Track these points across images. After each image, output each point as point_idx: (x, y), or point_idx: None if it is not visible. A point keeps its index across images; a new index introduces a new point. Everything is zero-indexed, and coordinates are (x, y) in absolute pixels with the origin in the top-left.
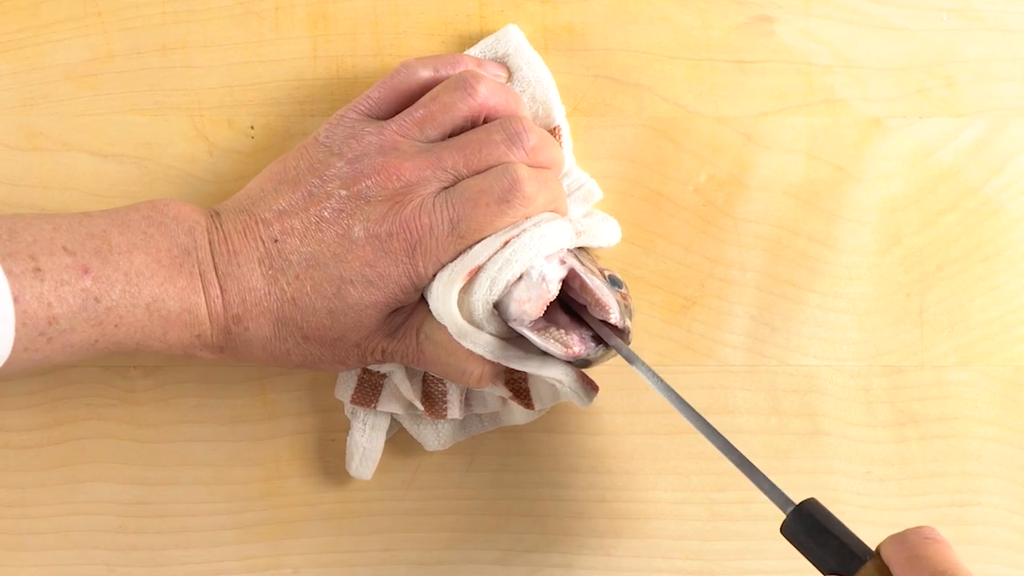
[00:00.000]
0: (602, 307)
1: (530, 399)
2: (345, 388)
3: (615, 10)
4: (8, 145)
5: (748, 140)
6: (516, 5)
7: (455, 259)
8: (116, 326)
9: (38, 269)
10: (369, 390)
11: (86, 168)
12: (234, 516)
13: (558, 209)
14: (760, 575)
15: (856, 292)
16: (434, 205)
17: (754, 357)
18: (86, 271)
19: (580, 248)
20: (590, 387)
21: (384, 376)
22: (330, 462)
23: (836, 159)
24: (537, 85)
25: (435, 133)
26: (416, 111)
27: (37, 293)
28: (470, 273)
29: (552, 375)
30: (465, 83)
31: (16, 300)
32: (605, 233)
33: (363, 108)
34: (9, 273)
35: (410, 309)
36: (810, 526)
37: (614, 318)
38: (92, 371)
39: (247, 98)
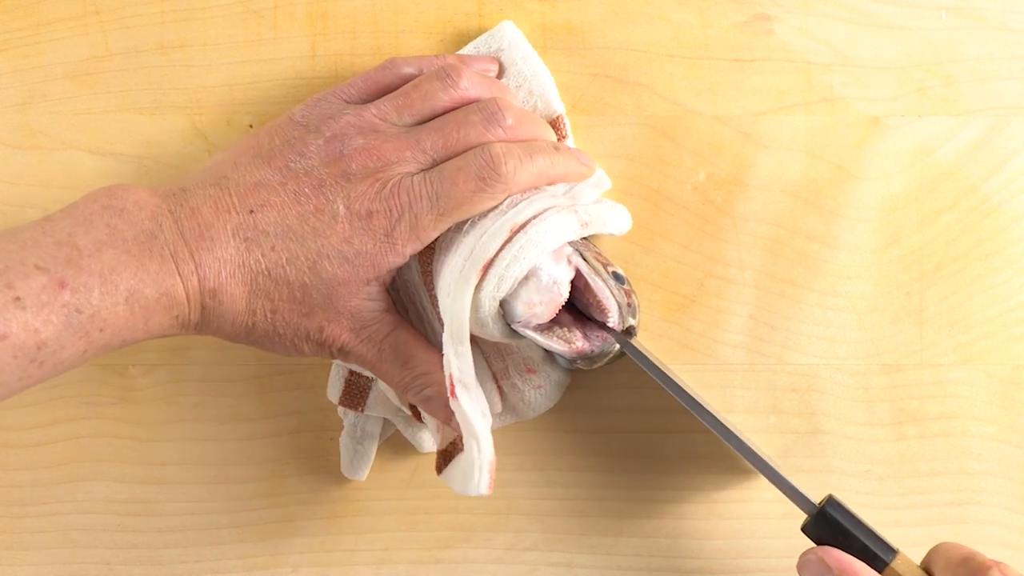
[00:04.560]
0: (602, 310)
1: (445, 464)
2: (334, 390)
3: (614, 8)
4: (7, 144)
5: (747, 139)
6: (515, 4)
7: (461, 250)
8: (101, 330)
9: (17, 298)
10: (356, 392)
11: (85, 166)
12: (233, 515)
13: (556, 179)
14: (760, 574)
15: (855, 291)
16: (413, 183)
17: (753, 356)
18: (63, 285)
19: (585, 239)
20: (492, 478)
21: (371, 379)
22: (329, 461)
23: (835, 158)
24: (533, 79)
25: (412, 119)
26: (396, 97)
27: (22, 322)
28: (483, 268)
29: (481, 437)
30: (447, 74)
31: (4, 336)
32: (614, 220)
33: (343, 95)
34: None
35: (380, 308)
36: (833, 527)
37: (612, 321)
38: (91, 370)
39: (246, 97)
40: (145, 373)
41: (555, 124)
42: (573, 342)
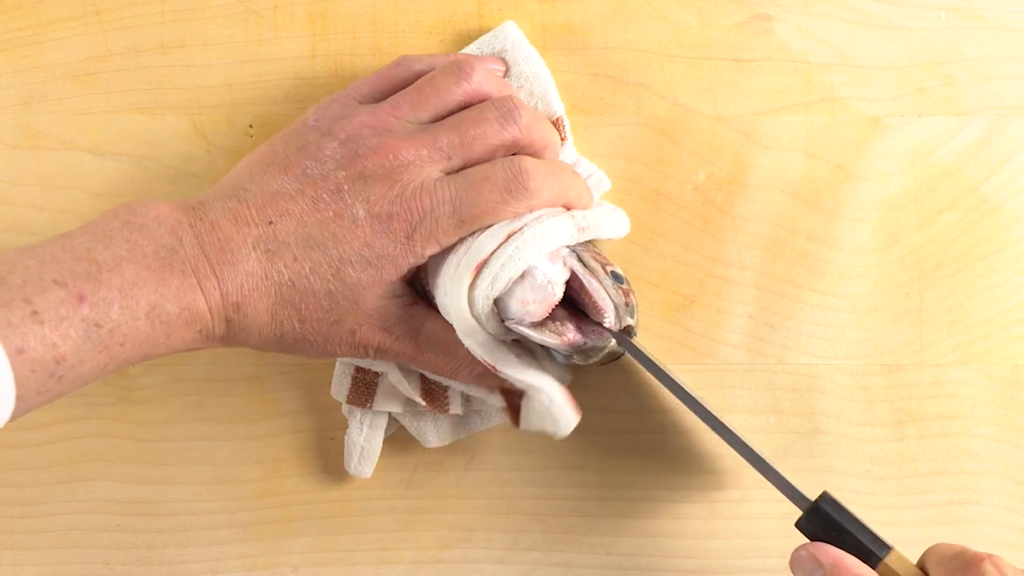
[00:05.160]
0: (598, 311)
1: (518, 417)
2: (340, 388)
3: (614, 8)
4: (7, 144)
5: (747, 139)
6: (515, 3)
7: (458, 249)
8: (122, 345)
9: (35, 312)
10: (364, 389)
11: (85, 167)
12: (233, 515)
13: (570, 202)
14: (760, 574)
15: (855, 291)
16: (435, 187)
17: (753, 356)
18: (81, 299)
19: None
20: (574, 408)
21: (378, 375)
22: (329, 461)
23: (835, 158)
24: (535, 80)
25: (427, 116)
26: (410, 93)
27: (40, 337)
28: (477, 268)
29: (542, 386)
30: (460, 68)
31: (21, 351)
32: (612, 225)
33: (355, 94)
34: (8, 324)
35: (408, 303)
36: (826, 522)
37: (608, 322)
38: None
39: (246, 97)
40: (145, 373)
41: (555, 125)
42: (564, 334)
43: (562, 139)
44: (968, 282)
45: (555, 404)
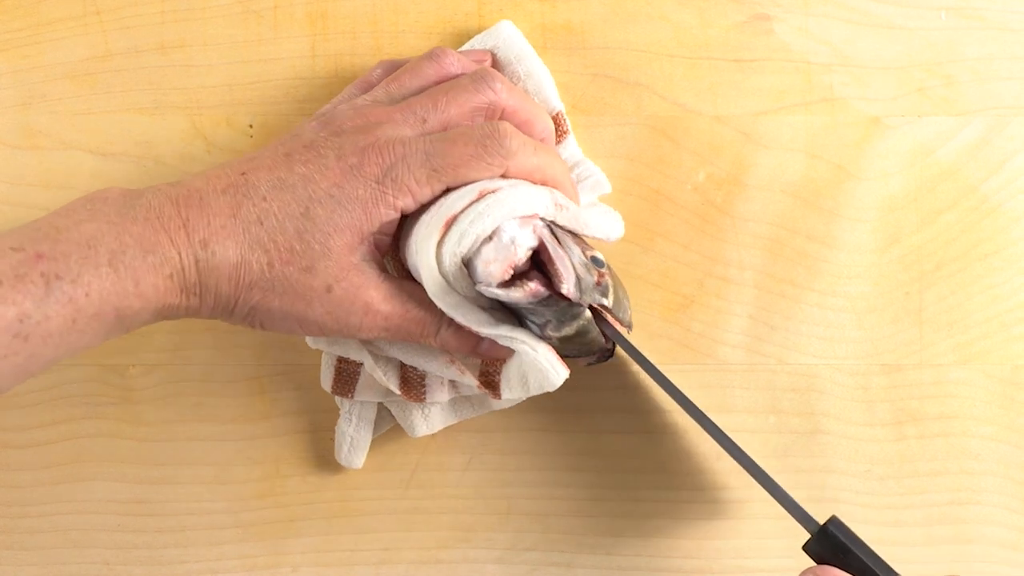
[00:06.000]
0: (558, 277)
1: (499, 389)
2: (326, 378)
3: (614, 8)
4: (7, 144)
5: (747, 139)
6: (514, 3)
7: (431, 208)
8: (87, 295)
9: None
10: (346, 379)
11: (85, 166)
12: (233, 515)
13: (547, 181)
14: (760, 574)
15: (855, 291)
16: (409, 140)
17: (753, 356)
18: (40, 256)
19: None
20: (561, 362)
21: (360, 365)
22: (329, 461)
23: (835, 158)
24: (527, 78)
25: (401, 97)
26: (387, 82)
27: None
28: (446, 223)
29: (524, 338)
30: (433, 53)
31: None
32: (601, 224)
33: (337, 101)
34: None
35: (382, 266)
36: (834, 546)
37: (565, 289)
38: (91, 370)
39: (246, 97)
40: (145, 373)
41: (555, 121)
42: (527, 285)
43: (564, 133)
44: (968, 282)
45: (540, 354)
